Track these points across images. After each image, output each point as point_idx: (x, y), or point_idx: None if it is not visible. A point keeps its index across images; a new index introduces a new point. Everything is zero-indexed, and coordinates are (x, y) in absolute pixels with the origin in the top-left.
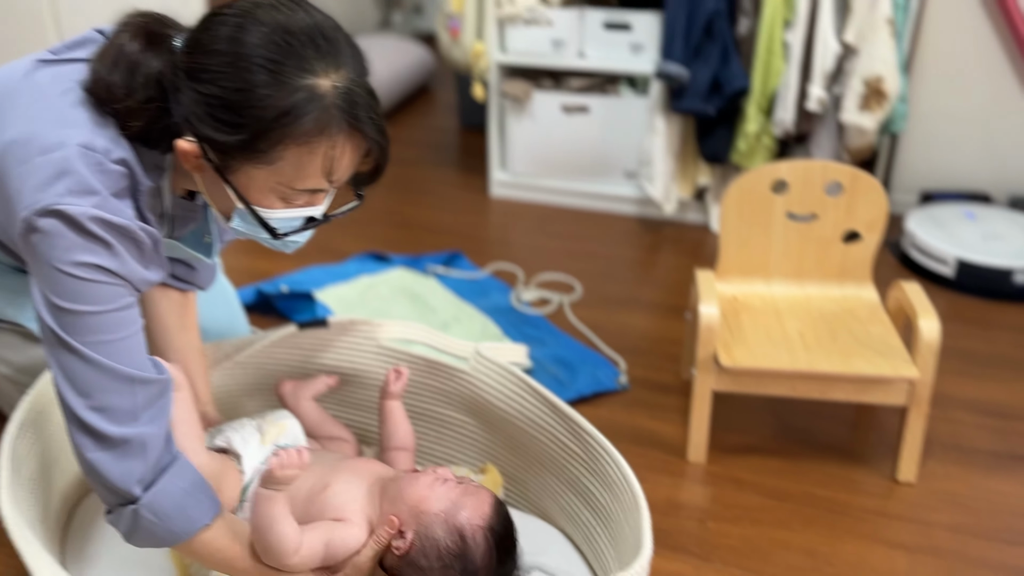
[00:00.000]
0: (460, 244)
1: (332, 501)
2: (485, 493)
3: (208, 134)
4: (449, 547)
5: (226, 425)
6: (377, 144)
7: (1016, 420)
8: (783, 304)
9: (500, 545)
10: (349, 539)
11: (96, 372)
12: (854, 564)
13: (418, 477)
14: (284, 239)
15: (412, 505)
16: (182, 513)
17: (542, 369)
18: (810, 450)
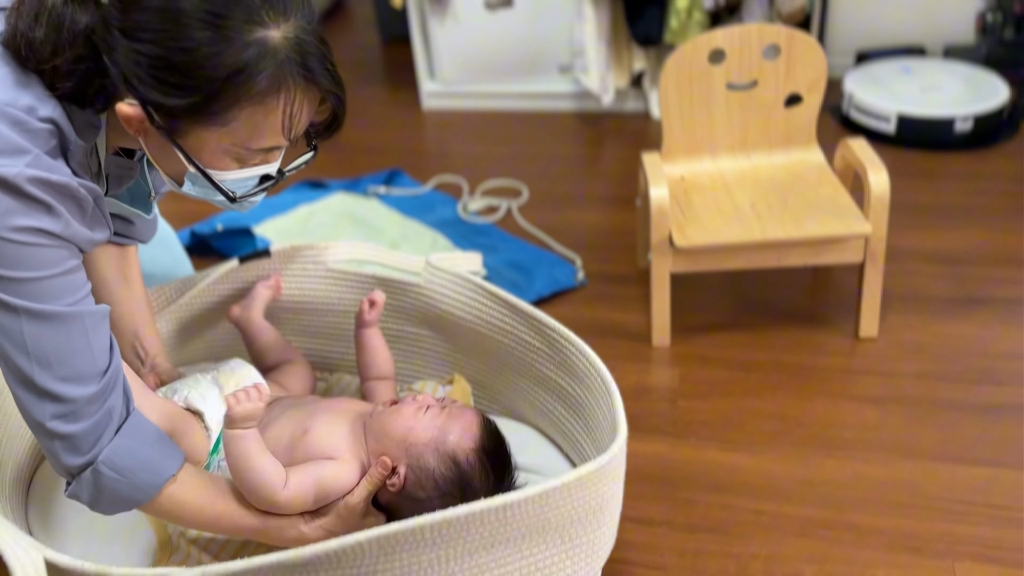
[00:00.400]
0: (398, 161)
1: (316, 444)
2: (471, 413)
3: (153, 98)
4: (444, 474)
5: (180, 383)
6: (334, 95)
7: (969, 265)
8: (731, 177)
9: (495, 463)
10: (341, 475)
11: (52, 338)
12: (825, 422)
13: (399, 409)
14: (241, 201)
15: (399, 439)
16: (145, 466)
17: (498, 276)
18: (772, 319)
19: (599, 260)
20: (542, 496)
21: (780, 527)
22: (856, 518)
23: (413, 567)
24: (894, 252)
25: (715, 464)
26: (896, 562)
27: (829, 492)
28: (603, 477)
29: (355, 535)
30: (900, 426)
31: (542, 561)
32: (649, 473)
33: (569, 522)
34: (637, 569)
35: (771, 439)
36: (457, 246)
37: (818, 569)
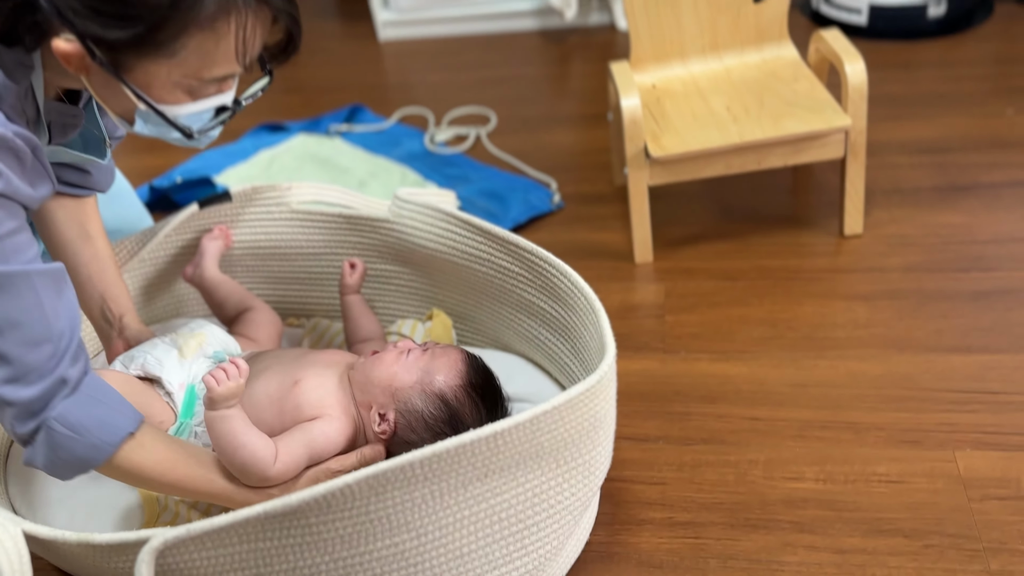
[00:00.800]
0: (359, 97)
1: (307, 397)
2: (454, 351)
3: (92, 31)
4: (434, 414)
5: (136, 350)
6: (287, 14)
7: (951, 152)
8: (704, 81)
9: (485, 396)
10: (331, 434)
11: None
12: (815, 323)
13: (381, 357)
14: (199, 137)
15: (384, 385)
16: (100, 423)
17: (472, 206)
18: (754, 225)
19: (575, 181)
20: (533, 422)
21: (777, 432)
22: (853, 416)
23: (406, 504)
24: (874, 146)
25: (707, 375)
26: (896, 456)
27: (824, 393)
28: (594, 397)
29: (343, 478)
30: (892, 321)
31: (539, 486)
32: (641, 390)
33: (563, 445)
34: (636, 486)
35: (762, 345)
36: (428, 179)
37: (818, 470)
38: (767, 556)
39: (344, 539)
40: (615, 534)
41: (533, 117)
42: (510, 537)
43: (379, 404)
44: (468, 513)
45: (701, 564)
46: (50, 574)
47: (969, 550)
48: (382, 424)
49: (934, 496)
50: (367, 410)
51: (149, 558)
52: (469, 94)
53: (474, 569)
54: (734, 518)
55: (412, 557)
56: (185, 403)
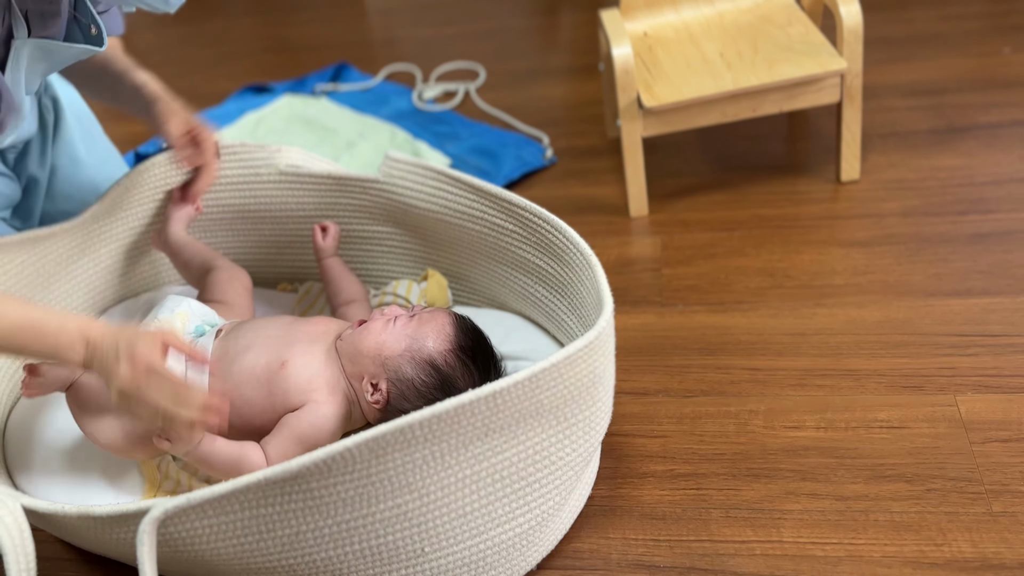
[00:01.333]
0: (344, 55)
1: (295, 380)
2: (441, 315)
3: None
4: (425, 381)
5: None
6: None
7: (948, 94)
8: (696, 28)
9: (476, 358)
10: (320, 422)
11: None
12: (814, 271)
13: (368, 327)
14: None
15: (373, 355)
16: None
17: (463, 164)
18: (750, 174)
19: (567, 135)
20: (532, 379)
21: (777, 382)
22: (853, 363)
23: (407, 465)
24: (870, 90)
25: (705, 327)
26: (897, 402)
27: (823, 341)
28: (593, 353)
29: (343, 442)
30: (890, 266)
31: (539, 444)
32: (639, 345)
33: (563, 402)
34: (636, 439)
35: (760, 295)
36: (418, 138)
37: (819, 418)
38: (769, 505)
39: (346, 502)
40: (617, 488)
41: (523, 70)
42: (512, 495)
43: (370, 374)
44: (470, 472)
45: (703, 514)
46: (52, 545)
47: (971, 493)
48: (375, 394)
49: (936, 440)
50: (359, 381)
51: (150, 528)
52: (456, 48)
53: (478, 527)
54: (735, 468)
55: (415, 517)
56: None
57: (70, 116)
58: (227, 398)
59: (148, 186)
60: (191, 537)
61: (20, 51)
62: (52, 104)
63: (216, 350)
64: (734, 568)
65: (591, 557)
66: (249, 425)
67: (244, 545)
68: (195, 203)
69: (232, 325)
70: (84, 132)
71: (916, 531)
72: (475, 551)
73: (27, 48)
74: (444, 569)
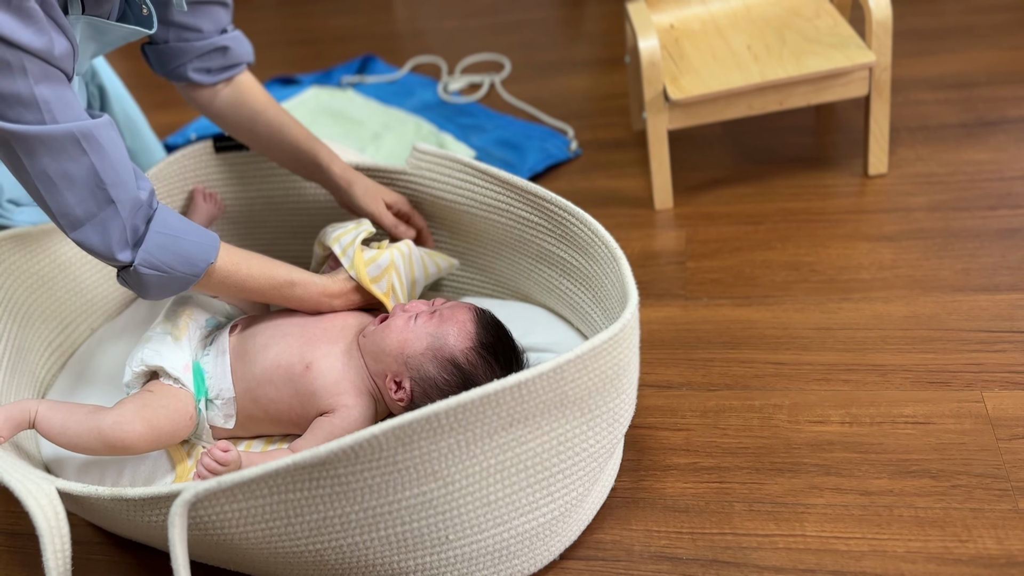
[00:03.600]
0: (370, 47)
1: (321, 382)
2: (463, 311)
3: None
4: (447, 380)
5: (135, 348)
6: None
7: (978, 87)
8: (724, 20)
9: (497, 354)
10: (353, 425)
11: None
12: (840, 266)
13: (389, 324)
14: None
15: (396, 354)
16: (183, 259)
17: (487, 156)
18: (776, 168)
19: (592, 127)
20: (557, 371)
21: (801, 376)
22: (879, 358)
23: (433, 454)
24: (899, 83)
25: (730, 321)
26: (923, 398)
27: (849, 335)
28: (617, 345)
29: (370, 429)
30: (917, 261)
31: (563, 435)
32: (663, 338)
33: (587, 394)
34: (660, 432)
35: (785, 289)
36: (443, 130)
37: (844, 413)
38: (793, 499)
39: (373, 488)
40: (640, 480)
41: (548, 62)
42: (536, 484)
43: (393, 372)
44: (494, 461)
45: (726, 508)
46: (84, 529)
47: (997, 490)
48: (399, 392)
49: (961, 436)
50: (382, 379)
51: (182, 511)
52: (482, 41)
53: (501, 516)
54: (759, 462)
55: (440, 505)
56: (196, 382)
57: (115, 105)
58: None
59: (175, 178)
60: (220, 521)
61: (74, 27)
62: (99, 92)
63: (233, 346)
64: (756, 561)
65: (614, 548)
66: (275, 420)
67: (272, 529)
68: (219, 204)
69: (247, 321)
70: (128, 121)
71: (941, 527)
72: (499, 540)
73: (80, 25)
74: (468, 557)
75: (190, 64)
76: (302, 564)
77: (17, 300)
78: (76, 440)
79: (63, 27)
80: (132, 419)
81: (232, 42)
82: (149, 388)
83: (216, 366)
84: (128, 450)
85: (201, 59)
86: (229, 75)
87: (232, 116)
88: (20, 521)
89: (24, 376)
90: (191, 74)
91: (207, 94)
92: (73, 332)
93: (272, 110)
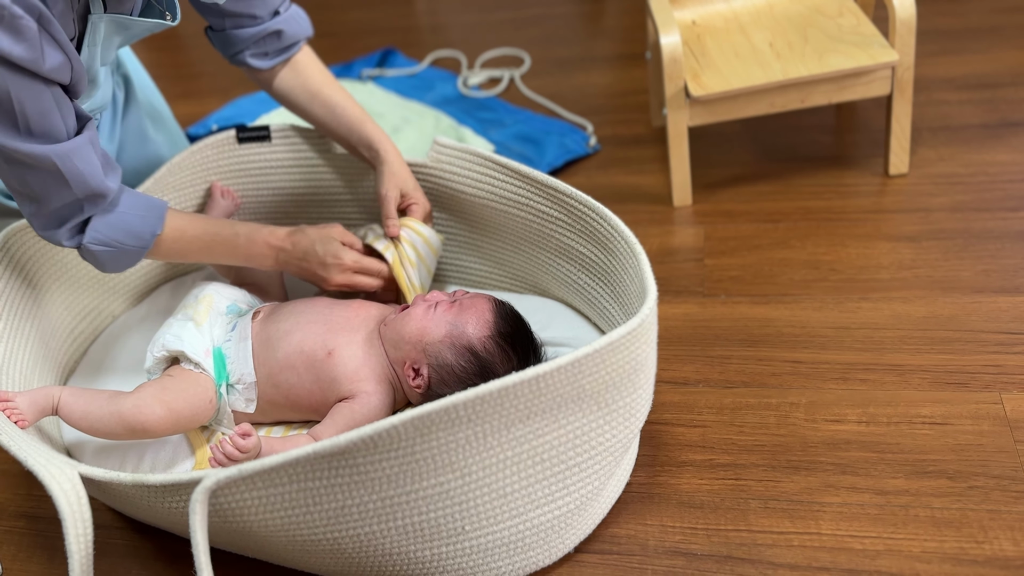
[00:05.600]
0: (390, 40)
1: (342, 369)
2: (482, 300)
3: None
4: (464, 367)
5: (157, 334)
6: None
7: (1002, 87)
8: (746, 17)
9: (515, 345)
10: (373, 413)
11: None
12: (859, 265)
13: (410, 312)
14: None
15: (414, 341)
16: (130, 234)
17: (506, 150)
18: (796, 165)
19: (612, 123)
20: (574, 364)
21: (819, 375)
22: (898, 358)
23: (450, 444)
24: (921, 82)
25: (748, 319)
26: (941, 399)
27: (868, 335)
28: (635, 340)
29: (390, 419)
30: (937, 261)
31: (580, 428)
32: (681, 334)
33: (604, 388)
34: (676, 428)
35: (804, 288)
36: (462, 124)
37: (861, 412)
38: (808, 497)
39: (391, 478)
40: (655, 475)
41: (568, 58)
42: (552, 477)
43: (412, 359)
44: (511, 454)
45: (742, 504)
46: (104, 514)
47: (1015, 492)
48: (416, 379)
49: (979, 438)
50: (401, 366)
51: (203, 497)
52: (502, 35)
53: (517, 508)
54: (775, 460)
55: (457, 496)
56: (216, 367)
57: (140, 94)
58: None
59: (198, 167)
60: (240, 508)
61: (97, 26)
62: (123, 81)
63: (256, 332)
64: (771, 558)
65: (628, 543)
66: (295, 406)
67: (291, 517)
68: (236, 200)
69: (270, 308)
70: (152, 111)
71: (957, 528)
72: (514, 532)
73: (103, 23)
74: (484, 548)
75: (248, 51)
76: (320, 552)
77: (40, 288)
78: (98, 424)
79: (60, 42)
80: (152, 402)
81: (286, 24)
82: (169, 373)
83: (238, 351)
84: (148, 433)
85: (257, 44)
86: (286, 56)
87: (291, 98)
88: (42, 505)
89: (47, 362)
90: (249, 60)
91: (267, 77)
92: (96, 319)
93: (326, 91)
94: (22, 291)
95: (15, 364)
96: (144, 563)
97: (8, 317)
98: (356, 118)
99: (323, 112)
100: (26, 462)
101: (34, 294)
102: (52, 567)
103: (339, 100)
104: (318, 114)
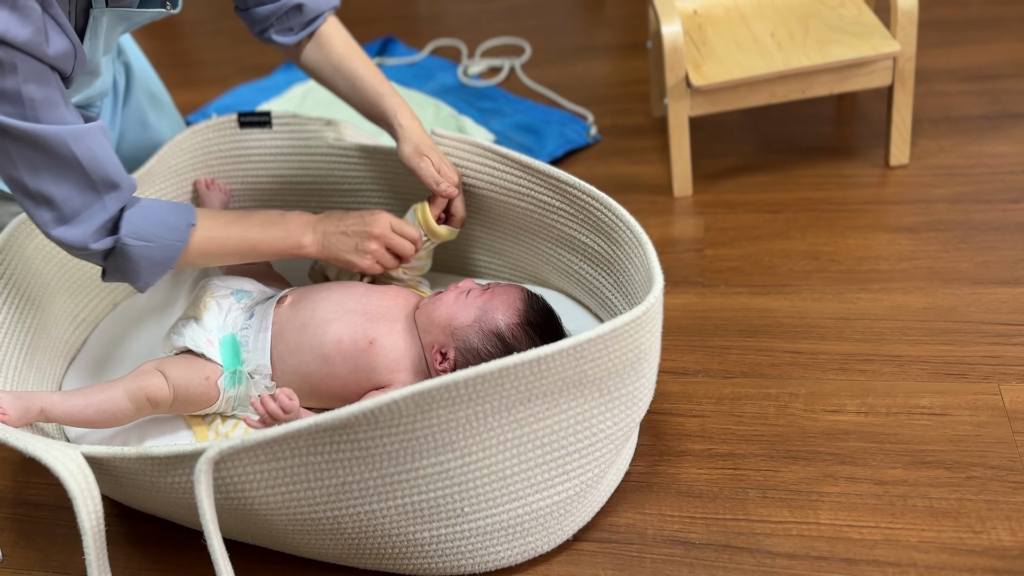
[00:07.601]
0: (390, 29)
1: (382, 359)
2: (514, 290)
3: None
4: (490, 351)
5: (163, 339)
6: None
7: (1002, 79)
8: (747, 7)
9: (544, 334)
10: None
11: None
12: (859, 256)
13: (442, 297)
14: None
15: (444, 325)
16: (164, 226)
17: (506, 140)
18: (797, 156)
19: (612, 113)
20: (577, 349)
21: (818, 365)
22: (897, 349)
23: (451, 423)
24: (922, 74)
25: (747, 309)
26: (940, 389)
27: (867, 326)
28: (640, 328)
29: (391, 394)
30: (937, 253)
31: (581, 414)
32: (680, 324)
33: (607, 374)
34: (675, 418)
35: (804, 279)
36: (462, 113)
37: (860, 403)
38: (807, 487)
39: (391, 455)
40: (655, 464)
41: (569, 47)
42: (552, 462)
43: (440, 343)
44: (511, 436)
45: (740, 494)
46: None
47: (1013, 482)
48: (443, 363)
49: (978, 429)
50: (430, 350)
51: (207, 467)
52: (502, 24)
53: (517, 491)
54: (774, 450)
55: (456, 476)
56: (229, 353)
57: (140, 82)
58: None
59: (197, 150)
60: (242, 482)
61: (99, 19)
62: (124, 69)
63: (285, 319)
64: (769, 547)
65: (627, 531)
66: (328, 393)
67: (293, 493)
68: (225, 191)
69: (298, 294)
70: (152, 99)
71: (955, 518)
72: (514, 516)
73: (105, 16)
74: (483, 531)
75: (272, 28)
76: (320, 532)
77: (44, 275)
78: (103, 407)
79: (63, 27)
80: (151, 369)
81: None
82: (186, 363)
83: (256, 341)
84: (152, 399)
85: (281, 20)
86: (311, 29)
87: (318, 72)
88: (42, 492)
89: (49, 347)
90: (275, 36)
91: (295, 52)
92: (97, 307)
93: (347, 64)
94: (20, 291)
95: (10, 363)
96: (145, 550)
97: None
98: (375, 92)
99: (346, 87)
100: (27, 449)
101: (37, 281)
102: (52, 553)
103: (360, 74)
104: (342, 88)
